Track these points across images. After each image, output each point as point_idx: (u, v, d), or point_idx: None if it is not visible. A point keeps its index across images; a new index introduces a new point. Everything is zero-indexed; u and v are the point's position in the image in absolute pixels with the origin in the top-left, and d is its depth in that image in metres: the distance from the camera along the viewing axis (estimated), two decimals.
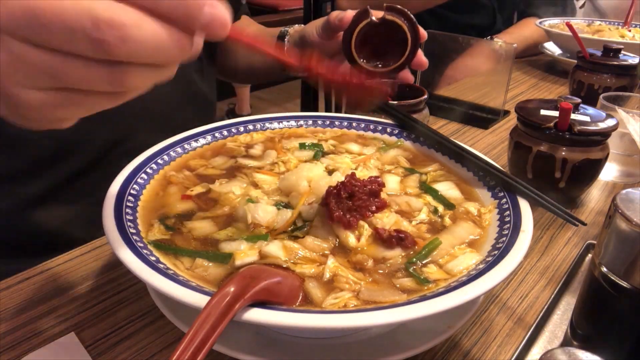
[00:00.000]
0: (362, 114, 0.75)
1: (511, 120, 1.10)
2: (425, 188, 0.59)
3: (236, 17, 1.09)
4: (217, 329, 0.34)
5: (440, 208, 0.56)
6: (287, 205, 0.54)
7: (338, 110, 0.82)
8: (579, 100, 0.76)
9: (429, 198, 0.57)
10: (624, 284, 0.44)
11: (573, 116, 0.74)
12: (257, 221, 0.50)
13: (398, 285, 0.44)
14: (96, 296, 0.56)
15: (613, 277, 0.44)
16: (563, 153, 0.73)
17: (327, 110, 0.89)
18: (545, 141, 0.74)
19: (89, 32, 0.29)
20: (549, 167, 0.74)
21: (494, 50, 1.09)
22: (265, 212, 0.51)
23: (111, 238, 0.43)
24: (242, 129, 0.71)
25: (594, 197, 0.82)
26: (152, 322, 0.53)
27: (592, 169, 0.75)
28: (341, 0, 1.54)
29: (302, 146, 0.69)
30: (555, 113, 0.74)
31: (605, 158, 0.75)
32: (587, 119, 0.74)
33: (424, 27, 0.74)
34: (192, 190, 0.57)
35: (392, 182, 0.60)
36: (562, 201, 0.78)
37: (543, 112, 0.76)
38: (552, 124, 0.73)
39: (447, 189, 0.60)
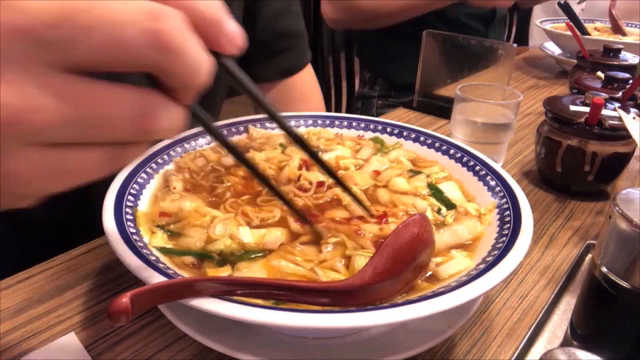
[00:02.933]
0: None
1: None
2: (434, 189, 0.59)
3: (299, 66, 1.02)
4: None
5: (443, 209, 0.56)
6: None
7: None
8: (606, 95, 0.79)
9: (432, 199, 0.57)
10: (624, 284, 0.44)
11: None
12: (241, 241, 0.48)
13: None
14: (96, 296, 0.56)
15: (613, 277, 0.44)
16: (593, 147, 0.75)
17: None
18: (576, 136, 0.77)
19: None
20: (578, 161, 0.77)
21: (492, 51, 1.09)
22: (252, 233, 0.49)
23: (111, 238, 0.43)
24: (242, 128, 0.71)
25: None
26: (152, 322, 0.53)
27: (620, 162, 0.78)
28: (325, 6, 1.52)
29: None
30: (583, 108, 0.77)
31: (633, 151, 0.78)
32: (614, 113, 0.76)
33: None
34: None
35: (401, 182, 0.60)
36: (591, 193, 0.81)
37: (573, 107, 0.78)
38: (582, 119, 0.75)
39: (450, 189, 0.60)
